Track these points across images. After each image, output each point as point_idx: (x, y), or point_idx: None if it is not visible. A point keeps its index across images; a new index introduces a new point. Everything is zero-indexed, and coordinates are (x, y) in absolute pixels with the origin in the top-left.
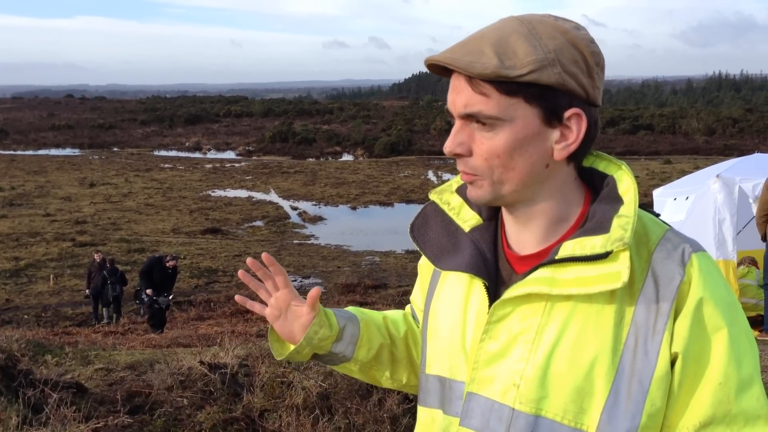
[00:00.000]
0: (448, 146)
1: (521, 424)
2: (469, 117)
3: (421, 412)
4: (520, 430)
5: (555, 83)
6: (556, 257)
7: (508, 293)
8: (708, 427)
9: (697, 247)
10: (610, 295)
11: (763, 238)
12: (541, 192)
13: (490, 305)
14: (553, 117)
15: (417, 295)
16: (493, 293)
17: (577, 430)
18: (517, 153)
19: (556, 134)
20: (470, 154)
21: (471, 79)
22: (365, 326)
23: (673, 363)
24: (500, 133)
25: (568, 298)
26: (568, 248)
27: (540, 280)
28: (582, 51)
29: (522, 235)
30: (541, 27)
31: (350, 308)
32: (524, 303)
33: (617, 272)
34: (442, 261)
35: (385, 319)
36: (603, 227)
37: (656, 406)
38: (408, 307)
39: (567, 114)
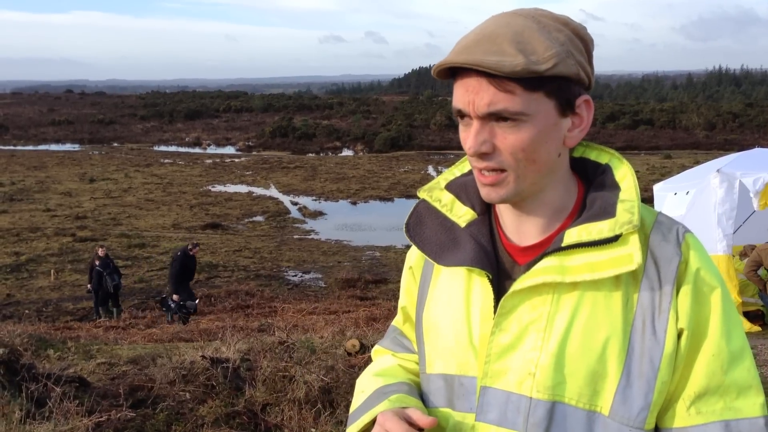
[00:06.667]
0: (473, 146)
1: (540, 412)
2: (492, 115)
3: None
4: (539, 418)
5: (572, 74)
6: (563, 244)
7: (518, 284)
8: (703, 398)
9: (686, 228)
10: (616, 280)
11: (763, 289)
12: (550, 182)
13: (495, 298)
14: (567, 107)
15: (406, 300)
16: (496, 286)
17: (591, 412)
18: (539, 145)
19: (568, 123)
20: (493, 151)
21: (493, 78)
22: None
23: (678, 338)
24: (524, 128)
25: (575, 285)
26: (573, 235)
27: (549, 269)
28: (584, 39)
29: (524, 227)
30: (546, 20)
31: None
32: (532, 293)
33: (628, 255)
34: (442, 257)
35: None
36: (607, 212)
37: (665, 382)
38: (400, 323)
39: (578, 102)
